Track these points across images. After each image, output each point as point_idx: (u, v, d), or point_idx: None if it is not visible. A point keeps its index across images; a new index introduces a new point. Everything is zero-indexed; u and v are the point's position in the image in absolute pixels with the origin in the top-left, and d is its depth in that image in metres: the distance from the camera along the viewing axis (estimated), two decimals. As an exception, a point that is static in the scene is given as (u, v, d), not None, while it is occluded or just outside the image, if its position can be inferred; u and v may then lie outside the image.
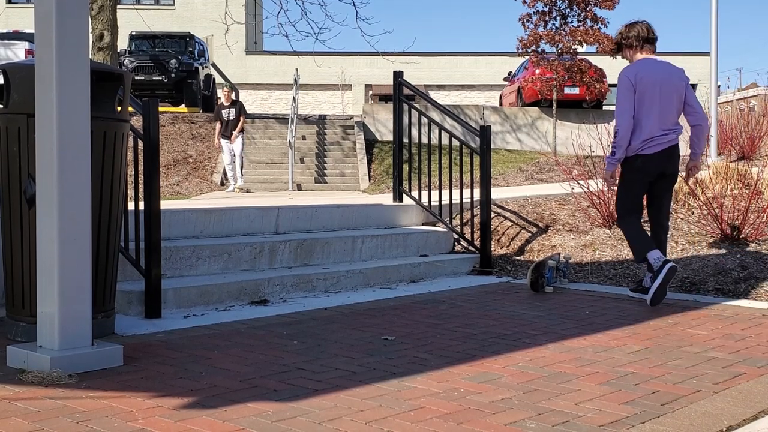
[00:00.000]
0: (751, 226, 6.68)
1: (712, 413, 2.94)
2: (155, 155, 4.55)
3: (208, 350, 3.82)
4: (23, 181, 3.83)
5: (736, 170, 8.65)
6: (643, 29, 5.47)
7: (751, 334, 4.34)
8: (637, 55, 5.46)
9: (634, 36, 5.46)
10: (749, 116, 14.31)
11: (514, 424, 2.79)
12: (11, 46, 15.70)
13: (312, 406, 2.96)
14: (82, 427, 2.70)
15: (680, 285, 5.87)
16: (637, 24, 5.52)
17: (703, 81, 32.22)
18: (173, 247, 5.21)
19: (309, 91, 33.91)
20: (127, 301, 4.63)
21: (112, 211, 4.06)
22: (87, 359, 3.44)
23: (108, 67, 4.38)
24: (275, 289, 5.31)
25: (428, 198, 7.22)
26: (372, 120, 19.17)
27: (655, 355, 3.85)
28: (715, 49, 13.06)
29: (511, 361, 3.69)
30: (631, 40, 5.47)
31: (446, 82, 35.33)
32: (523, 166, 15.60)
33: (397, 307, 5.10)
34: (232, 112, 15.26)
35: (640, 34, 5.45)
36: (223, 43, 22.18)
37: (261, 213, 6.23)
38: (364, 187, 15.83)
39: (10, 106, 3.87)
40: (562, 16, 17.87)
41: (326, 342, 4.04)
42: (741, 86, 56.22)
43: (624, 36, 5.51)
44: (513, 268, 6.72)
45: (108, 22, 15.70)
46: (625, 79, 5.29)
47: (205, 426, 2.72)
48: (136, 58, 20.15)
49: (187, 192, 14.99)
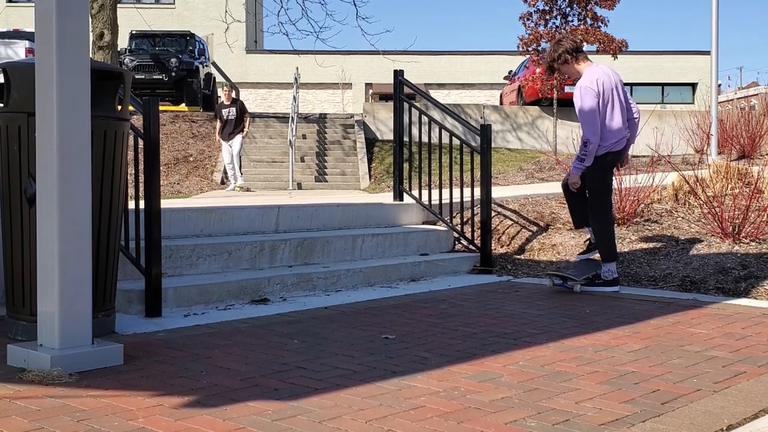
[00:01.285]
0: (751, 225, 6.67)
1: (713, 412, 2.94)
2: (155, 154, 4.55)
3: (208, 349, 3.82)
4: (23, 180, 3.83)
5: (736, 169, 8.65)
6: (570, 41, 5.73)
7: (752, 333, 4.34)
8: (580, 65, 5.70)
9: (566, 50, 5.68)
10: (750, 115, 14.29)
11: (515, 423, 2.79)
12: (11, 45, 15.70)
13: (312, 405, 2.96)
14: (83, 425, 2.70)
15: (680, 284, 5.88)
16: (562, 40, 5.77)
17: (703, 80, 32.23)
18: (173, 246, 5.21)
19: (309, 90, 33.91)
20: (127, 300, 4.63)
21: (113, 210, 4.06)
22: (87, 358, 3.44)
23: (108, 66, 4.38)
24: (275, 288, 5.31)
25: (428, 197, 7.22)
26: (372, 119, 19.17)
27: (655, 354, 3.85)
28: (716, 48, 13.05)
29: (511, 360, 3.69)
30: (565, 56, 5.69)
31: (446, 81, 35.33)
32: (524, 165, 15.59)
33: (397, 306, 5.11)
34: (232, 111, 15.25)
35: (570, 47, 5.69)
36: (223, 42, 22.19)
37: (261, 212, 6.23)
38: (365, 186, 15.82)
39: (10, 104, 3.87)
40: (563, 15, 17.85)
41: (326, 341, 4.04)
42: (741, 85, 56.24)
43: (555, 57, 5.72)
44: (513, 267, 6.72)
45: (108, 20, 15.72)
46: (589, 89, 5.53)
47: (205, 425, 2.72)
48: (136, 57, 20.14)
49: (188, 191, 14.99)
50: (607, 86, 5.56)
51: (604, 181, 5.73)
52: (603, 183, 5.73)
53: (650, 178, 7.73)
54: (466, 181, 7.73)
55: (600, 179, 5.72)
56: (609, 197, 5.78)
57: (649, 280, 6.04)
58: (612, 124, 5.60)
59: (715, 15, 12.91)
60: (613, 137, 5.61)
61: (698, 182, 7.80)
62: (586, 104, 5.53)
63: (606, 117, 5.58)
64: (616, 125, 5.61)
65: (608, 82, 5.57)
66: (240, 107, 15.43)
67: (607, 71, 5.65)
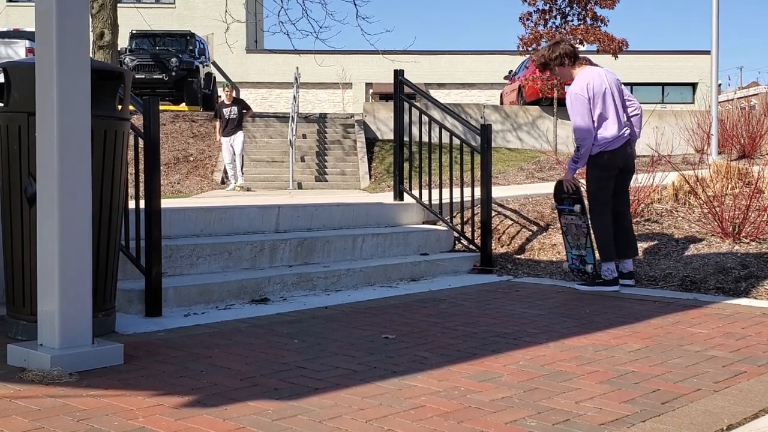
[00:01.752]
0: (751, 225, 6.67)
1: (713, 412, 2.94)
2: (156, 154, 4.55)
3: (208, 349, 3.82)
4: (24, 179, 3.83)
5: (736, 169, 8.65)
6: (568, 45, 5.83)
7: (752, 333, 4.34)
8: (575, 70, 5.80)
9: (564, 54, 5.78)
10: (750, 115, 14.28)
11: (515, 423, 2.79)
12: (12, 45, 15.69)
13: (312, 405, 2.96)
14: (83, 425, 2.70)
15: (681, 283, 5.88)
16: (561, 43, 5.86)
17: (704, 79, 32.25)
18: (174, 245, 5.21)
19: (309, 90, 33.92)
20: (127, 299, 4.63)
21: (113, 209, 4.06)
22: (87, 358, 3.44)
23: (108, 66, 4.38)
24: (276, 288, 5.31)
25: (429, 197, 7.22)
26: (372, 118, 19.17)
27: (655, 353, 3.85)
28: (716, 48, 13.05)
29: (511, 360, 3.69)
30: (562, 59, 5.79)
31: (447, 81, 35.34)
32: (524, 165, 15.59)
33: (397, 305, 5.10)
34: (233, 111, 15.26)
35: (568, 51, 5.79)
36: (223, 42, 22.19)
37: (261, 212, 6.23)
38: (365, 186, 15.83)
39: (10, 104, 3.87)
40: (563, 14, 17.86)
41: (327, 340, 4.04)
42: (742, 85, 56.22)
43: (552, 57, 5.82)
44: (514, 267, 6.72)
45: (108, 20, 15.73)
46: (578, 96, 5.63)
47: (205, 424, 2.72)
48: (136, 57, 20.14)
49: (188, 190, 14.99)
50: (598, 88, 5.63)
51: (600, 180, 5.73)
52: (599, 182, 5.74)
53: (650, 177, 7.74)
54: (466, 180, 7.73)
55: (596, 178, 5.73)
56: (606, 197, 5.76)
57: (649, 280, 6.04)
58: (605, 124, 5.64)
59: (716, 15, 12.91)
60: (607, 136, 5.64)
61: (698, 182, 7.79)
62: (576, 111, 5.65)
63: (598, 118, 5.63)
64: (611, 125, 5.64)
65: (599, 84, 5.64)
66: (241, 105, 15.47)
67: (600, 72, 5.72)
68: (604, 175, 5.73)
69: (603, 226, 5.75)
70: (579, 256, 5.96)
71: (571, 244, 6.02)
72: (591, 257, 5.92)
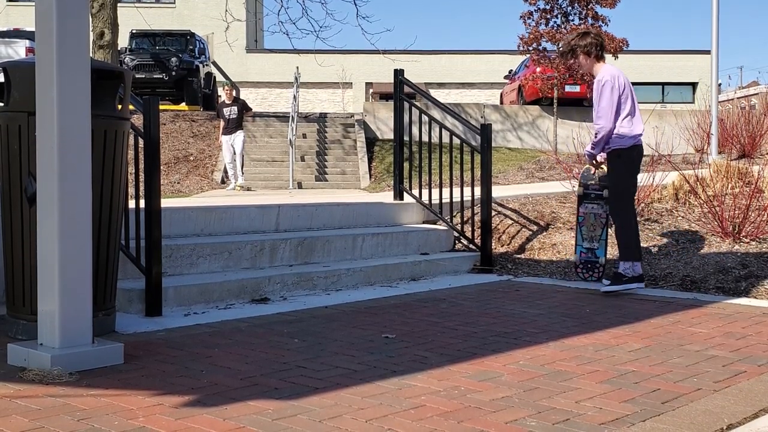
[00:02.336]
0: (751, 225, 6.67)
1: (713, 411, 2.94)
2: (156, 153, 4.55)
3: (208, 348, 3.82)
4: (24, 179, 3.83)
5: (736, 169, 8.64)
6: (599, 37, 5.82)
7: (752, 333, 4.34)
8: (598, 64, 5.78)
9: (594, 44, 5.77)
10: (750, 114, 14.27)
11: (515, 423, 2.80)
12: (12, 44, 15.69)
13: (312, 405, 2.96)
14: (83, 425, 2.70)
15: (681, 283, 5.88)
16: (591, 33, 5.85)
17: (704, 79, 32.24)
18: (174, 245, 5.21)
19: (310, 89, 33.90)
20: (127, 299, 4.63)
21: (113, 209, 4.06)
22: (87, 357, 3.44)
23: (108, 66, 4.38)
24: (276, 288, 5.31)
25: (429, 196, 7.22)
26: (372, 118, 19.17)
27: (655, 353, 3.85)
28: (716, 48, 13.04)
29: (511, 360, 3.69)
30: (591, 48, 5.78)
31: (447, 80, 35.32)
32: (524, 165, 15.58)
33: (397, 305, 5.11)
34: (233, 110, 15.27)
35: (599, 42, 5.79)
36: (223, 41, 22.21)
37: (261, 211, 6.24)
38: (365, 186, 15.82)
39: (10, 104, 3.87)
40: (563, 14, 17.85)
41: (327, 340, 4.04)
42: (742, 84, 56.20)
43: (578, 44, 5.79)
44: (514, 267, 6.72)
45: (108, 20, 15.73)
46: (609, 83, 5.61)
47: (205, 424, 2.72)
48: (136, 56, 20.13)
49: (188, 190, 14.99)
50: (625, 84, 5.68)
51: (631, 175, 5.72)
52: (629, 177, 5.72)
53: (650, 177, 7.73)
54: (466, 180, 7.73)
55: (626, 173, 5.70)
56: (633, 193, 5.78)
57: (650, 280, 6.04)
58: (634, 120, 5.68)
59: (716, 15, 12.91)
60: (637, 132, 5.66)
61: (698, 182, 7.79)
62: (605, 96, 5.62)
63: (629, 111, 5.65)
64: (637, 121, 5.69)
65: (624, 81, 5.70)
66: (241, 105, 15.48)
67: (620, 71, 5.76)
68: (633, 170, 5.74)
69: (629, 223, 5.71)
70: (590, 250, 5.93)
71: (584, 236, 5.98)
72: (602, 251, 5.90)
